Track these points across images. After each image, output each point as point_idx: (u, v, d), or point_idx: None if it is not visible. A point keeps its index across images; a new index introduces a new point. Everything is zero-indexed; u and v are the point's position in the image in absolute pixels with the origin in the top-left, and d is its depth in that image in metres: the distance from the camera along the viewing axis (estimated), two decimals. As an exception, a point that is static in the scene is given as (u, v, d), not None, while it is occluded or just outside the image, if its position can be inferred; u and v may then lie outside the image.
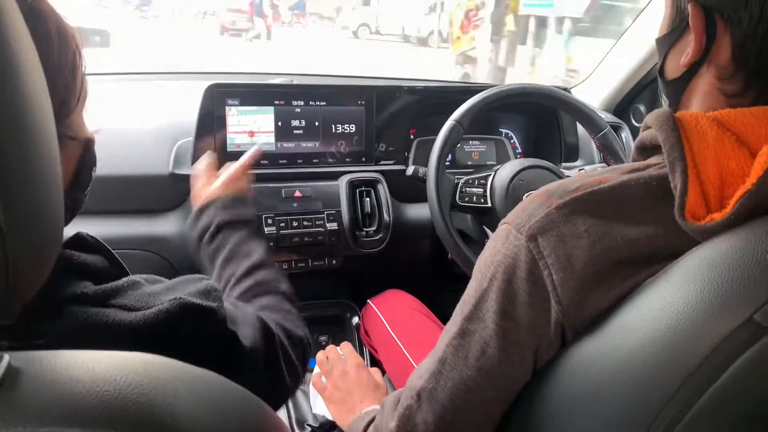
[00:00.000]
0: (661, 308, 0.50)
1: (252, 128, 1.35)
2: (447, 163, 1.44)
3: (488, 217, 1.30)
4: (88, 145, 0.61)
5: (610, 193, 0.57)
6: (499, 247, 0.60)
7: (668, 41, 0.63)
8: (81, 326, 0.53)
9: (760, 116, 0.54)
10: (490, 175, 1.30)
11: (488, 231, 1.32)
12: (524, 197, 1.24)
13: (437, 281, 1.61)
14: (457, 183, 1.30)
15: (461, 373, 0.62)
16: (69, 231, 0.58)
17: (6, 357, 0.33)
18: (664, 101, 0.68)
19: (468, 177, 1.32)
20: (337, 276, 1.53)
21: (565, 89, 1.72)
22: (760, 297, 0.44)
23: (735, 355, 0.44)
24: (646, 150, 0.60)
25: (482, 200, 1.28)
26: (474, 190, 1.30)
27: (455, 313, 0.65)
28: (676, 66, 0.62)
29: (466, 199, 1.30)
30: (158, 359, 0.38)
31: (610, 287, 0.54)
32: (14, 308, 0.30)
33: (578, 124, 1.47)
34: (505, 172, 1.28)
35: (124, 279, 0.59)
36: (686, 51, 0.60)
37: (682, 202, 0.52)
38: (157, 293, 0.59)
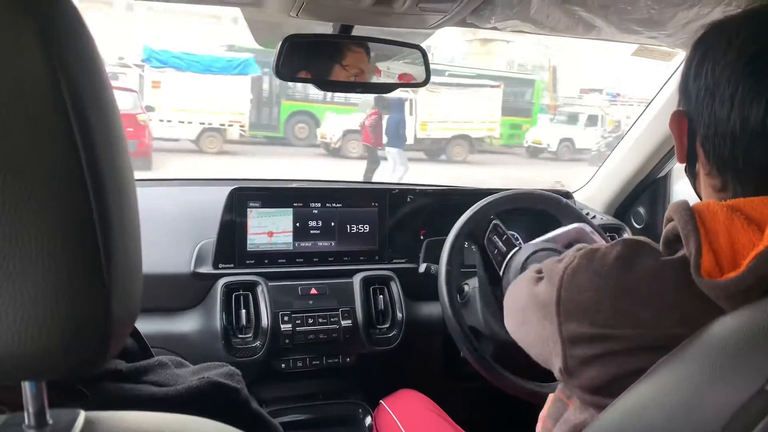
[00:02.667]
0: (677, 383, 0.52)
1: (271, 229, 1.42)
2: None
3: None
4: None
5: (651, 254, 0.63)
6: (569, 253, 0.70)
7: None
8: (115, 399, 0.56)
9: (766, 202, 0.60)
10: (516, 249, 1.33)
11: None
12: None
13: (450, 381, 1.61)
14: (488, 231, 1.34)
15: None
16: None
17: (82, 413, 0.37)
18: None
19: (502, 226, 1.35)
20: (350, 375, 1.53)
21: (567, 193, 1.81)
22: None
23: (750, 426, 0.45)
24: (672, 243, 0.64)
25: (499, 259, 1.31)
26: (499, 244, 1.32)
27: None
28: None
29: (491, 247, 1.32)
30: (213, 423, 0.42)
31: (612, 328, 0.61)
32: (105, 359, 0.34)
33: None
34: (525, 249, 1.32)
35: (154, 359, 0.63)
36: None
37: (697, 261, 0.56)
38: (184, 375, 0.63)
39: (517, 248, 1.33)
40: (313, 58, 1.08)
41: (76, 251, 0.31)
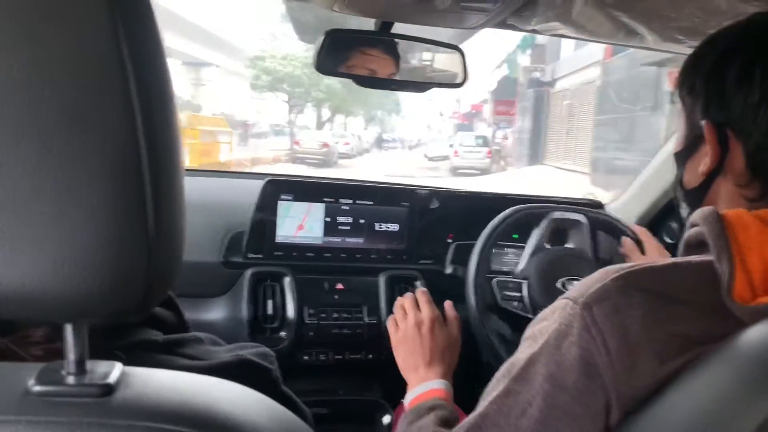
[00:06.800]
0: (708, 387, 0.52)
1: (302, 222, 1.43)
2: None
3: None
4: None
5: (664, 270, 0.60)
6: (555, 317, 0.63)
7: (685, 155, 0.71)
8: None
9: None
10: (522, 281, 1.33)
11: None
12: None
13: (473, 385, 1.60)
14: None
15: (500, 431, 0.63)
16: None
17: (119, 365, 0.38)
18: (684, 210, 0.74)
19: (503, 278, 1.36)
20: (371, 372, 1.54)
21: (599, 204, 1.79)
22: None
23: None
24: (693, 247, 0.63)
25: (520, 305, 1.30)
26: (511, 294, 1.33)
27: (501, 373, 0.66)
28: (694, 176, 0.69)
29: (507, 301, 1.32)
30: (242, 388, 0.43)
31: (661, 359, 0.56)
32: (145, 309, 0.35)
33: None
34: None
35: (190, 333, 0.65)
36: (703, 161, 0.67)
37: (730, 285, 0.55)
38: (218, 351, 0.64)
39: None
40: (352, 54, 1.09)
41: (125, 201, 0.32)
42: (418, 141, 34.29)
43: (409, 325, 1.08)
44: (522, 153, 20.70)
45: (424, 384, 0.99)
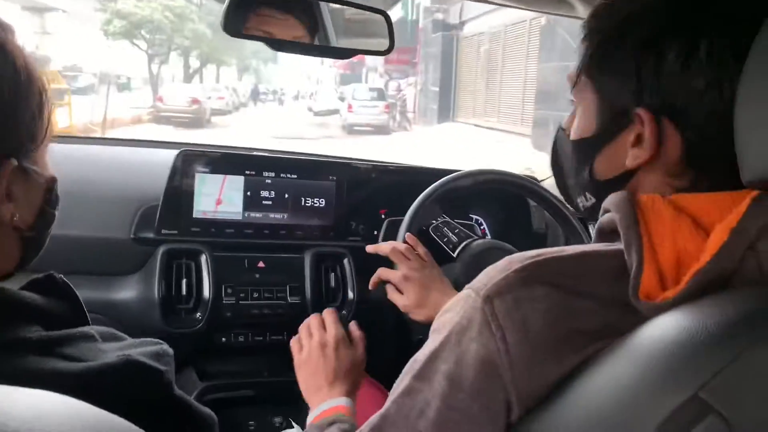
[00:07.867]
0: (608, 384, 0.49)
1: (220, 197, 1.35)
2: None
3: (445, 268, 1.27)
4: (51, 184, 0.60)
5: (569, 261, 0.56)
6: (458, 309, 0.58)
7: (600, 142, 0.62)
8: (12, 374, 0.48)
9: (714, 200, 0.54)
10: (473, 239, 1.28)
11: None
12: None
13: (403, 365, 1.57)
14: (438, 221, 1.30)
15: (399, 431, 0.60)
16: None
17: None
18: (585, 200, 0.67)
19: (453, 221, 1.31)
20: None
21: (534, 179, 1.76)
22: (706, 374, 0.44)
23: (685, 429, 0.43)
24: (606, 235, 0.59)
25: (450, 247, 1.25)
26: (450, 235, 1.28)
27: (406, 369, 0.62)
28: (610, 167, 0.62)
29: (438, 234, 1.28)
30: (79, 404, 0.37)
31: (561, 357, 0.53)
32: None
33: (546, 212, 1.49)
34: (488, 242, 1.28)
35: (78, 329, 0.55)
36: (631, 153, 0.59)
37: (636, 282, 0.52)
38: (109, 350, 0.55)
39: (478, 237, 1.28)
40: (264, 15, 1.00)
41: None
42: (298, 93, 31.49)
43: (313, 346, 1.05)
44: (428, 108, 17.50)
45: (327, 402, 0.95)
